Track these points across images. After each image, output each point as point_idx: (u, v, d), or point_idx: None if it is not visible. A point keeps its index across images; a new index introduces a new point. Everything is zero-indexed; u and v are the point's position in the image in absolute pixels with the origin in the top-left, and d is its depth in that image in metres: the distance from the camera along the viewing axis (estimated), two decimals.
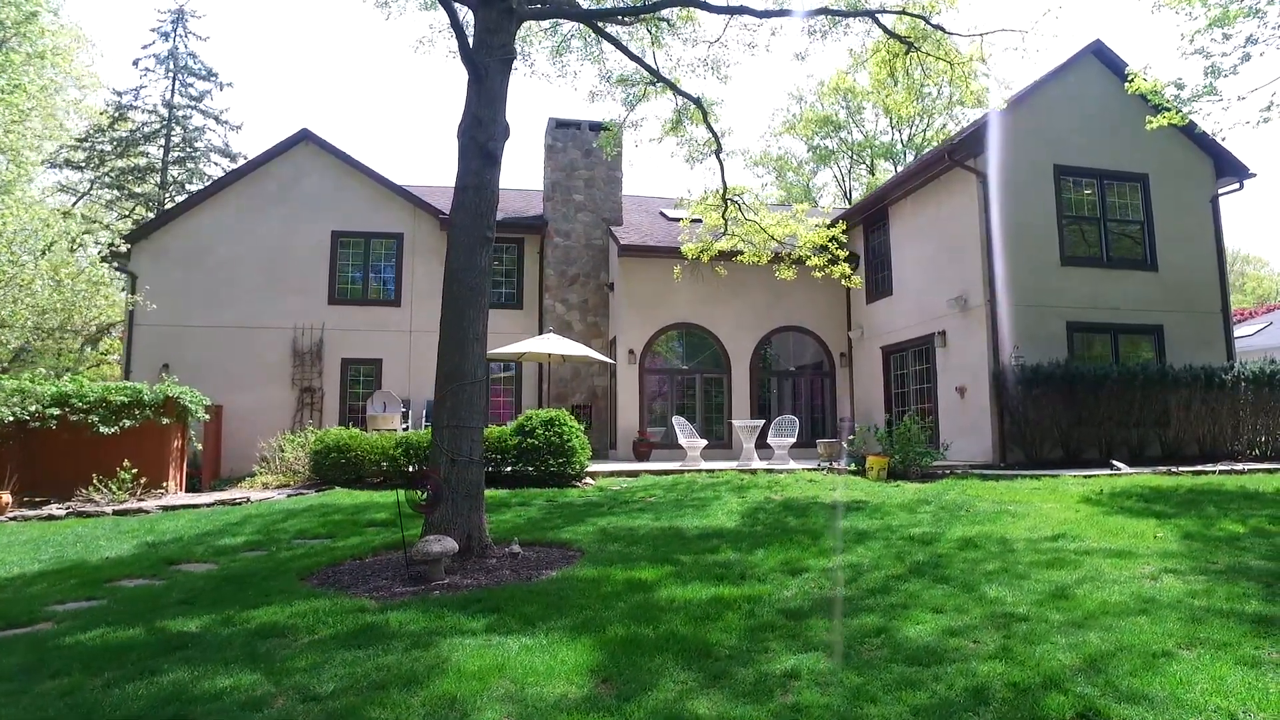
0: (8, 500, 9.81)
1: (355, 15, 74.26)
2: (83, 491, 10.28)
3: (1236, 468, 10.58)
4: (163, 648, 4.22)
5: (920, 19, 9.86)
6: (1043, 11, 13.96)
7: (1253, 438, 12.41)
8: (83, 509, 9.63)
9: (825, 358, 17.04)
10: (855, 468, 11.43)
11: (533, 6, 8.67)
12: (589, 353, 13.78)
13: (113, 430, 10.55)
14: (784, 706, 3.27)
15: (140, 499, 10.46)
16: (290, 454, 12.22)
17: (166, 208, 23.95)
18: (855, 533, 6.86)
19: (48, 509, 9.76)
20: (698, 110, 11.03)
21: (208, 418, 12.56)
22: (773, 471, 11.41)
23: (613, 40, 10.00)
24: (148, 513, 9.49)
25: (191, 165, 30.56)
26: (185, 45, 30.88)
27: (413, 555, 5.67)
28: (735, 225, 12.86)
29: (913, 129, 33.71)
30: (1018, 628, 4.15)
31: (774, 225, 12.82)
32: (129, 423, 10.74)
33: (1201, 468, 10.61)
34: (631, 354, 15.77)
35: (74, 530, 8.42)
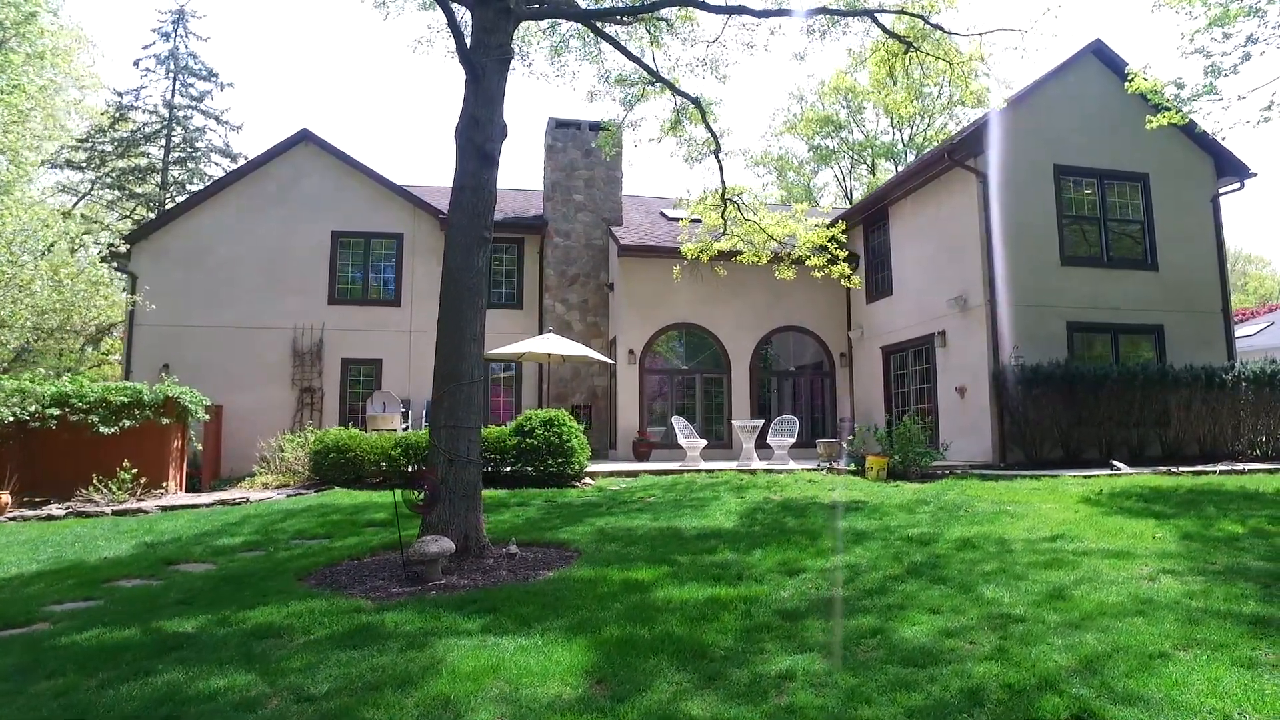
0: (7, 500, 9.82)
1: (354, 15, 74.37)
2: (82, 491, 10.29)
3: (1237, 468, 10.56)
4: (158, 648, 4.22)
5: (919, 18, 9.85)
6: (1042, 11, 13.96)
7: (1253, 438, 12.40)
8: (82, 509, 9.64)
9: (825, 358, 17.02)
10: (855, 468, 11.42)
11: (530, 6, 8.66)
12: (589, 353, 13.78)
13: (113, 430, 10.56)
14: (778, 708, 3.27)
15: (140, 499, 10.46)
16: (290, 454, 12.22)
17: (167, 208, 23.97)
18: (853, 533, 6.86)
19: (47, 509, 9.77)
20: (696, 110, 11.03)
21: (208, 418, 12.57)
22: (772, 472, 11.40)
23: (611, 40, 9.99)
24: (147, 513, 9.50)
25: (192, 165, 30.59)
26: (186, 45, 30.92)
27: (410, 556, 5.68)
28: (734, 225, 12.85)
29: (913, 129, 33.68)
30: (1014, 629, 4.14)
31: (773, 225, 12.81)
32: (129, 423, 10.75)
33: (1202, 468, 10.59)
34: (631, 354, 15.77)
35: (73, 530, 8.43)
